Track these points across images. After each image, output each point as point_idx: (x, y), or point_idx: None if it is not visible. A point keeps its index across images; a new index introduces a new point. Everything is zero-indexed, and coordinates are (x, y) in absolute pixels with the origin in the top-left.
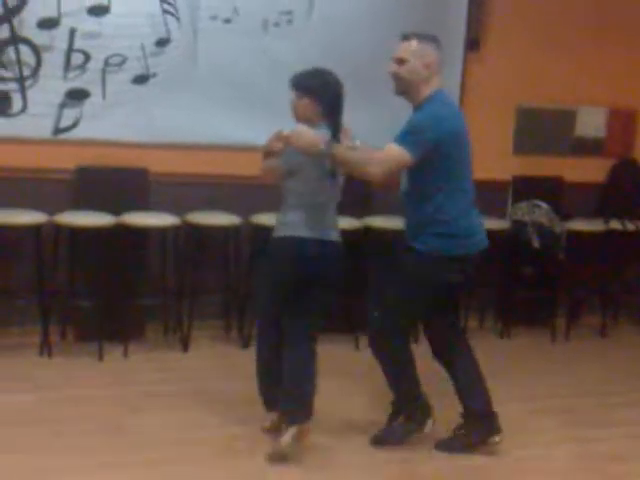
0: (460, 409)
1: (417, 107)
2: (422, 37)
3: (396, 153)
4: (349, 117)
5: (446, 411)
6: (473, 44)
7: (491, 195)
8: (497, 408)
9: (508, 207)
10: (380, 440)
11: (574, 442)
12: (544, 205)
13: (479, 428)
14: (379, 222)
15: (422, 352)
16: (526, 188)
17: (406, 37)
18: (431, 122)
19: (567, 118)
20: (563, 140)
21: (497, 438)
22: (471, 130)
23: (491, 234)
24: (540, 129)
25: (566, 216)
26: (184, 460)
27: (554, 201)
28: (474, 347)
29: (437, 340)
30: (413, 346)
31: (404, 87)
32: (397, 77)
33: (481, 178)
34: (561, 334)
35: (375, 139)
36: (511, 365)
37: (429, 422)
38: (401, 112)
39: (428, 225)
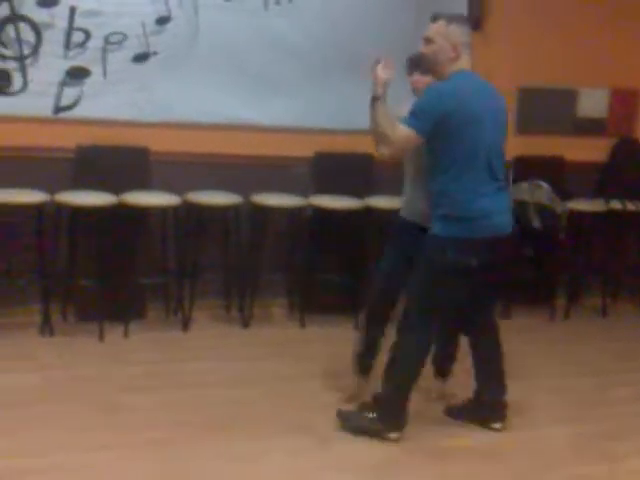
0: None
1: None
2: (451, 18)
3: (403, 134)
4: (354, 94)
5: None
6: (475, 23)
7: None
8: None
9: (509, 187)
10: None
11: (573, 421)
12: (545, 185)
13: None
14: (381, 202)
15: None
16: (527, 168)
17: (435, 18)
18: (432, 99)
19: (569, 98)
20: (565, 120)
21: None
22: None
23: None
24: (542, 109)
25: (567, 196)
26: (184, 440)
27: (555, 181)
28: None
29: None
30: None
31: (430, 66)
32: (423, 56)
33: None
34: (561, 314)
35: None
36: (511, 345)
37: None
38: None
39: (436, 207)
